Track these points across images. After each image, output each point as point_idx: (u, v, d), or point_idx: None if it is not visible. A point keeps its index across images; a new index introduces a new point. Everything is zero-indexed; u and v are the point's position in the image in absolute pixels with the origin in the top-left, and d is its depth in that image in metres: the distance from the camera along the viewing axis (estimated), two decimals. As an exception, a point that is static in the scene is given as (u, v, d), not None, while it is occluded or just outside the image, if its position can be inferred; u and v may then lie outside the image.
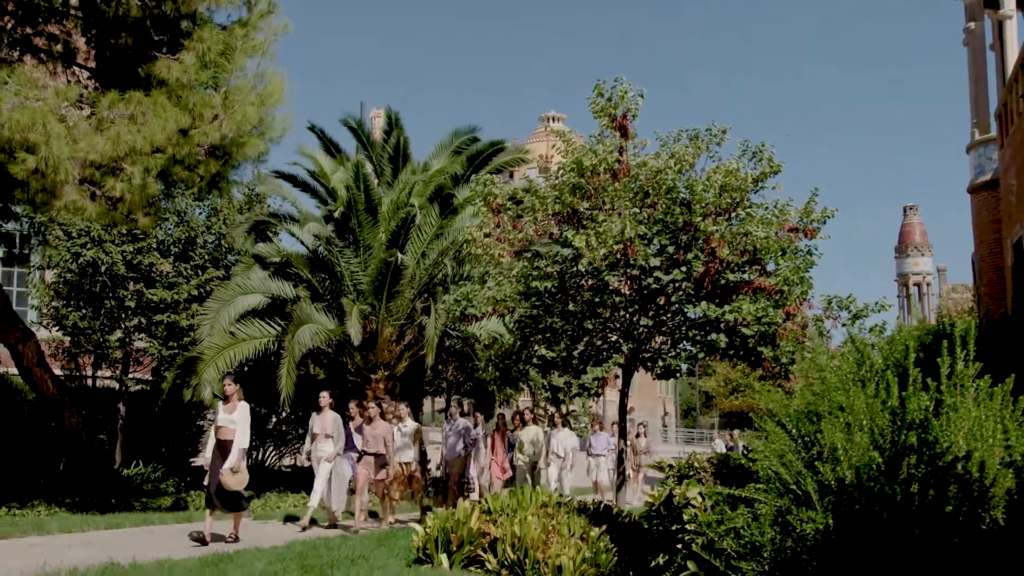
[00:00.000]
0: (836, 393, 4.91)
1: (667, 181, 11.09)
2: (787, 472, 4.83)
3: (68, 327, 18.29)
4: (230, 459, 10.36)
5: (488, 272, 12.44)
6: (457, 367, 20.99)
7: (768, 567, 4.53)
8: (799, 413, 5.14)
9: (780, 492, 4.69)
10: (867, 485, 4.28)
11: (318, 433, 13.05)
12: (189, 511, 13.79)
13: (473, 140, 20.47)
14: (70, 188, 11.52)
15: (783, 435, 4.99)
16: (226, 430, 10.57)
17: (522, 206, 11.90)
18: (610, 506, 9.88)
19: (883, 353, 5.28)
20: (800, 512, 4.50)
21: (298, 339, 16.16)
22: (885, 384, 4.70)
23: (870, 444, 4.41)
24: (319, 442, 13.01)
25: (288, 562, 8.44)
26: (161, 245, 19.11)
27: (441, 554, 8.49)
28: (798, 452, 4.78)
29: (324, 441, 12.97)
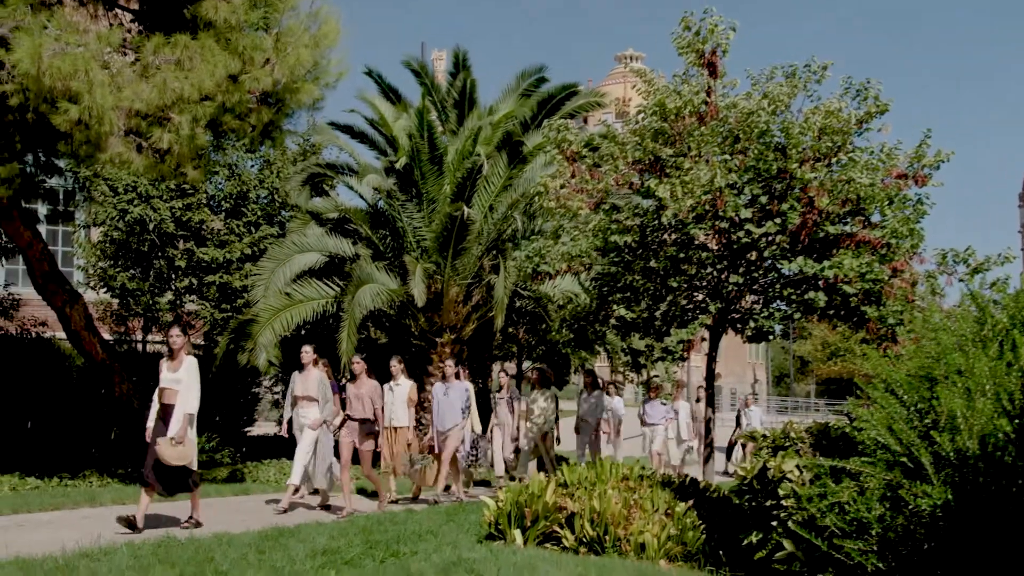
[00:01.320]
0: (954, 355, 4.79)
1: (760, 124, 10.87)
2: (897, 442, 4.74)
3: (116, 289, 18.81)
4: (172, 427, 9.22)
5: (562, 226, 12.40)
6: (528, 329, 21.06)
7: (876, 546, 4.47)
8: (911, 378, 5.03)
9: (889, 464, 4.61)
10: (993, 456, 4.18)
11: (300, 396, 12.06)
12: (246, 483, 14.18)
13: (541, 81, 20.35)
14: (115, 140, 11.76)
15: (893, 402, 4.89)
16: (170, 392, 9.39)
17: (599, 154, 11.79)
18: (696, 480, 9.85)
19: (1009, 311, 5.11)
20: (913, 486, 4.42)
21: (358, 300, 16.37)
22: (1011, 344, 4.57)
23: (995, 411, 4.29)
24: (301, 407, 12.05)
25: (352, 537, 8.63)
26: (211, 201, 19.48)
27: (514, 530, 8.57)
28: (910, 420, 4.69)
29: (307, 405, 11.98)
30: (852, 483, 4.82)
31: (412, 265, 16.99)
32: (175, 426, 9.22)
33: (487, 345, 19.76)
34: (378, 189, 18.34)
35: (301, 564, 7.25)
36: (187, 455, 9.30)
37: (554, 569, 7.39)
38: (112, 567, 6.73)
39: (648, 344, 12.81)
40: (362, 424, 11.69)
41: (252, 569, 6.93)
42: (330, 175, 19.34)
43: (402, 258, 17.73)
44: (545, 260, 12.36)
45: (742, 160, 11.00)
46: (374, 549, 8.09)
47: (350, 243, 18.50)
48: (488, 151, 17.99)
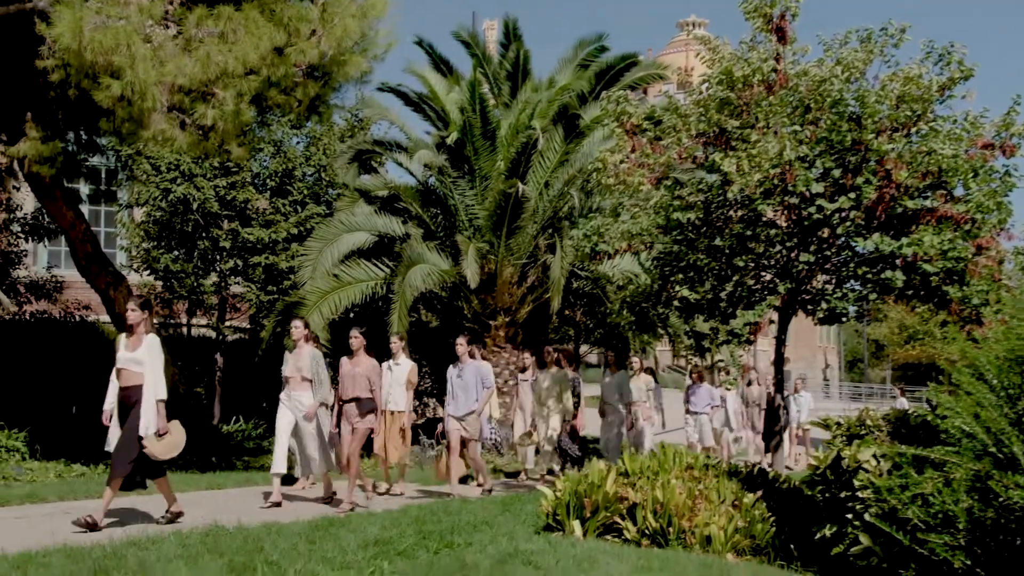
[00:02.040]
0: (1047, 338, 4.66)
1: (833, 92, 10.69)
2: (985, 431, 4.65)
3: (160, 271, 19.12)
4: (145, 420, 8.50)
5: (621, 203, 12.34)
6: (586, 311, 21.02)
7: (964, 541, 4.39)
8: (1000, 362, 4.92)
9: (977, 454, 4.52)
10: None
11: (291, 376, 11.23)
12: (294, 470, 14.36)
13: (600, 51, 20.22)
14: (158, 116, 11.93)
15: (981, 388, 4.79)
16: (127, 373, 8.64)
17: (661, 127, 11.70)
18: (765, 469, 9.77)
19: (1107, 290, 4.97)
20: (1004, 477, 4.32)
21: (409, 281, 16.46)
22: (1110, 326, 4.44)
23: (1093, 397, 4.18)
24: (292, 388, 11.20)
25: (404, 527, 8.69)
26: (256, 179, 19.68)
27: (573, 520, 8.56)
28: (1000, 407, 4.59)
29: (299, 387, 11.15)
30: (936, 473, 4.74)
31: (464, 245, 17.03)
32: (150, 418, 8.53)
33: (543, 328, 19.75)
34: (429, 165, 18.39)
35: (353, 555, 7.30)
36: (177, 443, 8.81)
37: (615, 562, 7.37)
38: (160, 556, 6.85)
39: (713, 327, 12.72)
40: (358, 404, 10.85)
41: (303, 559, 7.00)
42: (379, 151, 19.43)
43: (454, 237, 17.78)
44: (604, 239, 12.31)
45: (813, 131, 10.84)
46: (427, 540, 8.12)
47: (400, 222, 18.59)
48: (543, 125, 17.93)
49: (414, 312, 18.80)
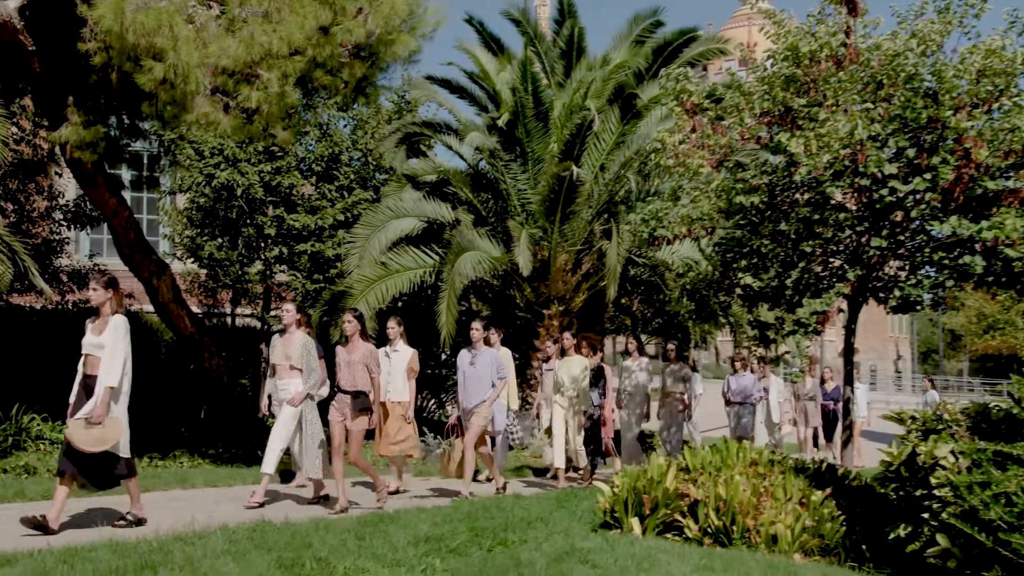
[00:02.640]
0: None
1: (907, 67, 10.49)
2: (1072, 426, 4.55)
3: (204, 259, 19.38)
4: (88, 405, 8.15)
5: (681, 186, 12.23)
6: (643, 300, 20.95)
7: (1050, 542, 4.31)
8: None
9: (1065, 450, 4.42)
10: None
11: (279, 364, 10.81)
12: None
13: (656, 26, 20.10)
14: (201, 99, 12.08)
15: (1068, 380, 4.68)
16: (93, 360, 8.29)
17: (722, 105, 11.58)
18: (834, 466, 9.68)
19: None
20: (1094, 475, 4.23)
21: (458, 269, 16.51)
22: None
23: None
24: (280, 377, 10.83)
25: (456, 524, 8.74)
26: (302, 164, 19.87)
27: (632, 518, 8.56)
28: (1089, 401, 4.48)
29: (288, 375, 10.76)
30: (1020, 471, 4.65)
31: (516, 230, 17.04)
32: (91, 403, 8.11)
33: (598, 317, 19.72)
34: (479, 148, 18.42)
35: (403, 551, 7.36)
36: (106, 439, 8.10)
37: (676, 561, 7.36)
38: (207, 551, 6.96)
39: (778, 316, 12.59)
40: (354, 398, 10.18)
41: (352, 556, 7.08)
42: (427, 134, 19.49)
43: (505, 223, 17.80)
44: (662, 224, 12.20)
45: (886, 109, 10.65)
46: (480, 537, 8.17)
47: (449, 208, 18.65)
48: (598, 105, 17.87)
49: (464, 301, 18.85)
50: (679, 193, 12.19)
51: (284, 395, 10.70)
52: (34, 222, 18.59)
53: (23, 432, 13.48)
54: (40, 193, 18.82)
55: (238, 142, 18.03)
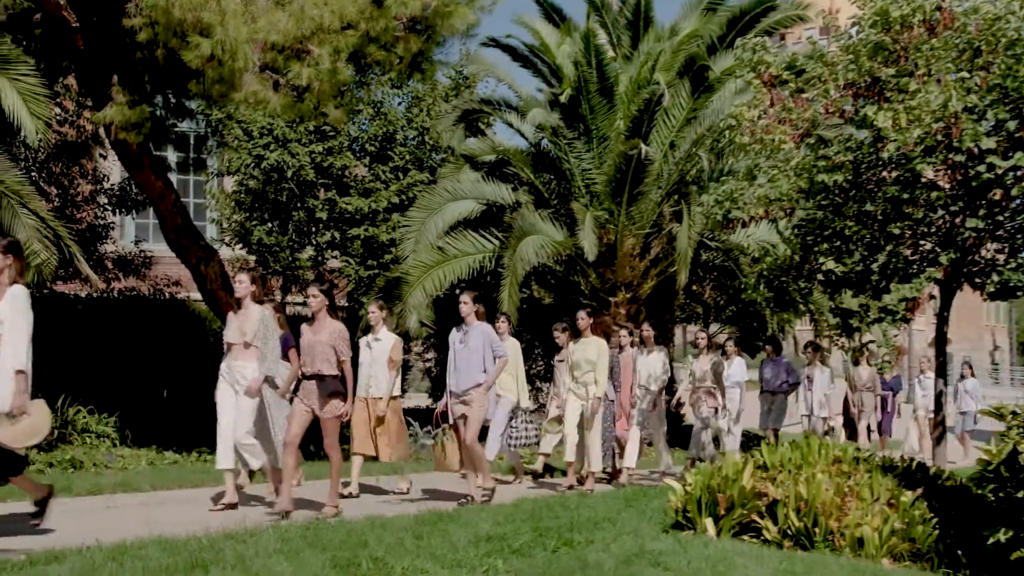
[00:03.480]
0: None
1: (1008, 32, 10.26)
2: None
3: (253, 244, 19.57)
4: None
5: (758, 164, 12.11)
6: (716, 287, 20.78)
7: None
8: None
9: None
10: None
11: (234, 342, 9.71)
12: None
13: (731, -9, 19.87)
14: (250, 76, 12.20)
15: None
16: None
17: (804, 77, 11.44)
18: (925, 464, 9.54)
19: None
20: None
21: (520, 254, 16.50)
22: None
23: None
24: (234, 357, 9.70)
25: (519, 523, 8.74)
26: (355, 144, 19.96)
27: (705, 518, 8.50)
28: None
29: (243, 356, 9.64)
30: None
31: (581, 213, 16.98)
32: (5, 394, 7.32)
33: (668, 305, 19.60)
34: (541, 126, 18.38)
35: (464, 552, 7.38)
36: (38, 429, 7.60)
37: (754, 564, 7.30)
38: (259, 549, 7.03)
39: (863, 303, 12.45)
40: (320, 382, 9.40)
41: (410, 556, 7.10)
42: (486, 111, 19.49)
43: (569, 205, 17.75)
44: (737, 205, 12.12)
45: (984, 78, 10.43)
46: (544, 537, 8.17)
47: (509, 189, 18.63)
48: (668, 79, 17.73)
49: (526, 288, 18.85)
50: (756, 172, 12.08)
51: (240, 379, 9.61)
52: (78, 207, 18.90)
53: (69, 425, 13.74)
54: (84, 177, 19.13)
55: (288, 121, 18.15)
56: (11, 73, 11.16)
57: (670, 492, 9.13)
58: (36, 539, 7.56)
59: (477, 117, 19.65)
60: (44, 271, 11.70)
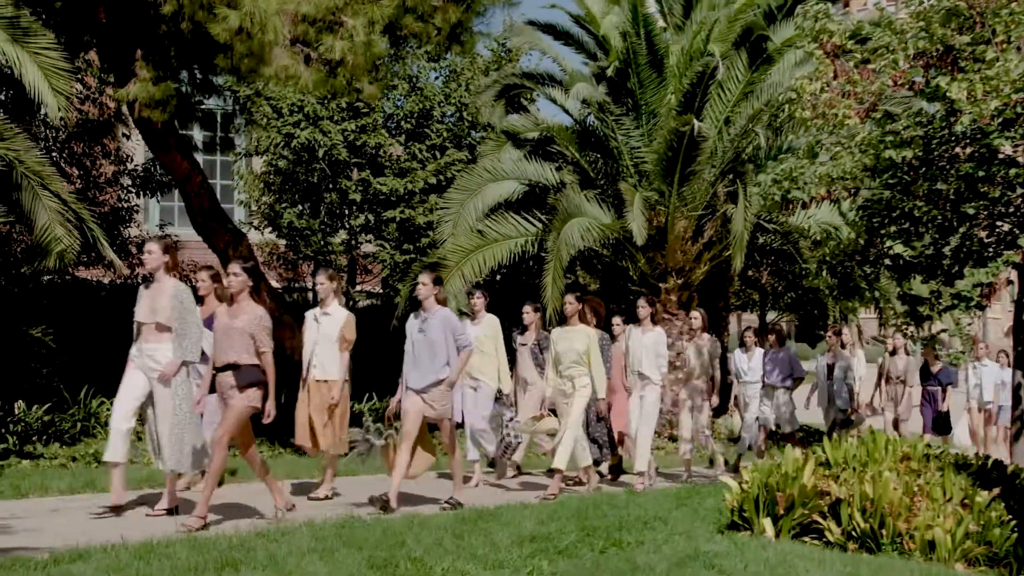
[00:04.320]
0: None
1: (1093, -5, 10.09)
2: None
3: (283, 227, 19.68)
4: None
5: (819, 141, 11.98)
6: (774, 272, 20.65)
7: None
8: None
9: None
10: None
11: (145, 322, 8.96)
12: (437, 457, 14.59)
13: (789, -44, 19.67)
14: (280, 50, 12.24)
15: None
16: None
17: (870, 46, 11.29)
18: (1002, 462, 9.43)
19: None
20: None
21: (565, 238, 16.46)
22: None
23: None
24: (147, 339, 8.97)
25: (564, 522, 8.76)
26: (390, 121, 20.01)
27: (763, 518, 8.47)
28: None
29: (156, 337, 8.94)
30: None
31: (629, 194, 16.90)
32: None
33: (722, 292, 19.51)
34: (587, 102, 18.30)
35: (507, 552, 7.40)
36: None
37: (816, 568, 7.28)
38: (292, 548, 7.09)
39: (934, 290, 12.28)
40: (235, 374, 8.63)
41: (450, 556, 7.13)
42: (529, 86, 19.44)
43: (617, 185, 17.67)
44: (797, 184, 11.98)
45: (1067, 45, 10.27)
46: (592, 537, 8.19)
47: (553, 169, 18.58)
48: (723, 50, 17.57)
49: (570, 274, 18.82)
50: (817, 149, 11.96)
51: (152, 364, 8.92)
52: (101, 189, 19.07)
53: (92, 418, 13.88)
54: (107, 157, 19.29)
55: (320, 98, 18.22)
56: (32, 47, 11.23)
57: (725, 490, 9.12)
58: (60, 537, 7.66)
59: (519, 92, 19.61)
60: (66, 256, 11.79)
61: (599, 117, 18.41)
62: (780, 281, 21.03)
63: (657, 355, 12.51)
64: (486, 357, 12.04)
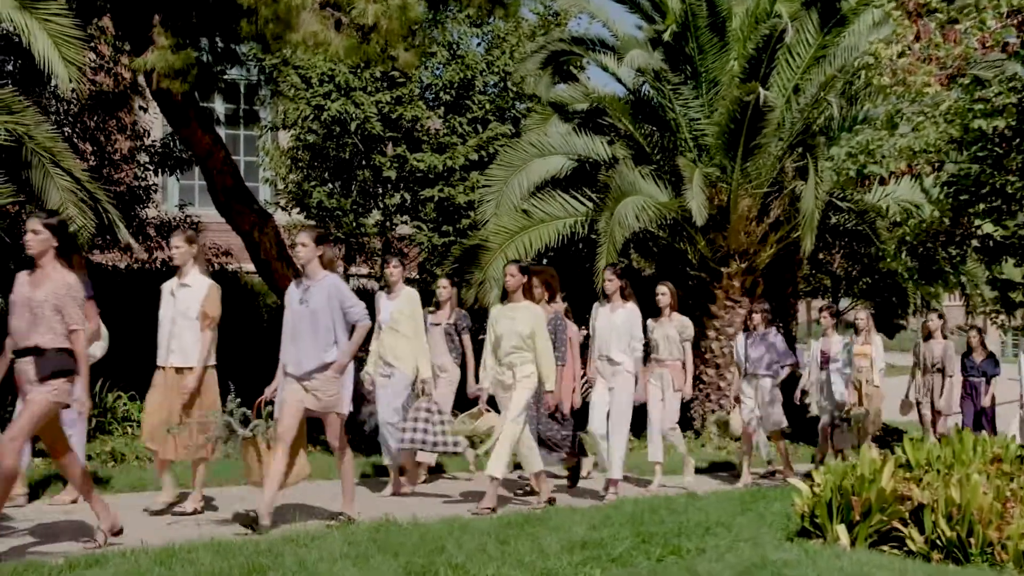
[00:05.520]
0: None
1: None
2: None
3: (312, 208, 19.72)
4: None
5: (900, 111, 11.87)
6: (847, 255, 20.46)
7: None
8: None
9: None
10: None
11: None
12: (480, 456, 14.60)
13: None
14: (308, 15, 12.25)
15: None
16: None
17: (956, 5, 11.16)
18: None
19: None
20: None
21: (618, 218, 16.39)
22: None
23: None
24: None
25: (618, 527, 8.74)
26: (427, 92, 19.97)
27: (837, 525, 8.41)
28: None
29: None
30: None
31: (688, 169, 16.80)
32: None
33: (790, 277, 19.36)
34: (641, 69, 18.18)
35: (556, 559, 7.40)
36: None
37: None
38: (323, 554, 7.12)
39: (1029, 273, 12.20)
40: (37, 361, 7.56)
41: (494, 563, 7.14)
42: (578, 53, 19.34)
43: (674, 161, 17.58)
44: (875, 158, 11.89)
45: None
46: (648, 544, 8.18)
47: (605, 143, 18.51)
48: (791, 10, 17.44)
49: (623, 257, 18.72)
50: (897, 119, 11.85)
51: None
52: (116, 166, 19.22)
53: (108, 413, 14.00)
54: (122, 132, 19.42)
55: (352, 67, 18.21)
56: (40, 12, 11.28)
57: (795, 494, 9.07)
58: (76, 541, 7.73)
59: (567, 60, 19.51)
60: (80, 239, 11.85)
61: (655, 86, 18.31)
62: (854, 265, 20.84)
63: (631, 337, 11.63)
64: (403, 339, 11.16)
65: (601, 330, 11.81)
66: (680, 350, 12.87)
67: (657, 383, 12.80)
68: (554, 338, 11.24)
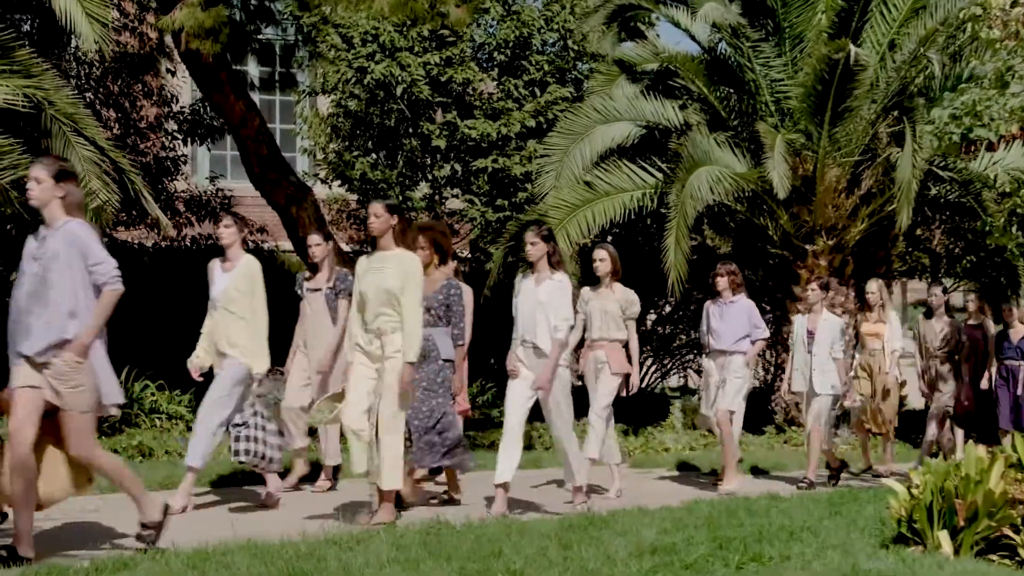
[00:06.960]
0: None
1: None
2: None
3: (355, 180, 19.77)
4: None
5: (1011, 68, 11.73)
6: (949, 230, 20.25)
7: None
8: None
9: None
10: None
11: None
12: (537, 451, 14.62)
13: None
14: (351, -33, 12.29)
15: None
16: None
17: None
18: None
19: None
20: None
21: (690, 190, 16.31)
22: None
23: None
24: None
25: (692, 531, 8.75)
26: (480, 52, 19.94)
27: (939, 531, 8.34)
28: None
29: None
30: None
31: (769, 136, 16.68)
32: None
33: (884, 255, 19.17)
34: (717, 25, 18.07)
35: (624, 565, 7.42)
36: None
37: (1007, 593, 7.18)
38: (369, 559, 7.16)
39: None
40: None
41: (556, 569, 7.18)
42: (646, 7, 19.23)
43: (753, 127, 17.47)
44: (982, 121, 11.76)
45: None
46: (725, 549, 8.17)
47: (676, 107, 18.40)
48: (888, -44, 17.28)
49: (696, 233, 18.67)
50: (1008, 77, 11.72)
51: None
52: (142, 135, 19.36)
53: (135, 404, 14.13)
54: (149, 97, 19.57)
55: (398, 25, 18.22)
56: (61, -36, 11.37)
57: (890, 496, 9.01)
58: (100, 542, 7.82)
59: (635, 15, 19.42)
60: (104, 214, 11.92)
61: (732, 43, 18.18)
62: (957, 241, 20.64)
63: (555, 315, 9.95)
64: (237, 321, 9.98)
65: (523, 308, 10.15)
66: (621, 328, 11.60)
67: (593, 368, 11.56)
68: (448, 309, 10.32)
